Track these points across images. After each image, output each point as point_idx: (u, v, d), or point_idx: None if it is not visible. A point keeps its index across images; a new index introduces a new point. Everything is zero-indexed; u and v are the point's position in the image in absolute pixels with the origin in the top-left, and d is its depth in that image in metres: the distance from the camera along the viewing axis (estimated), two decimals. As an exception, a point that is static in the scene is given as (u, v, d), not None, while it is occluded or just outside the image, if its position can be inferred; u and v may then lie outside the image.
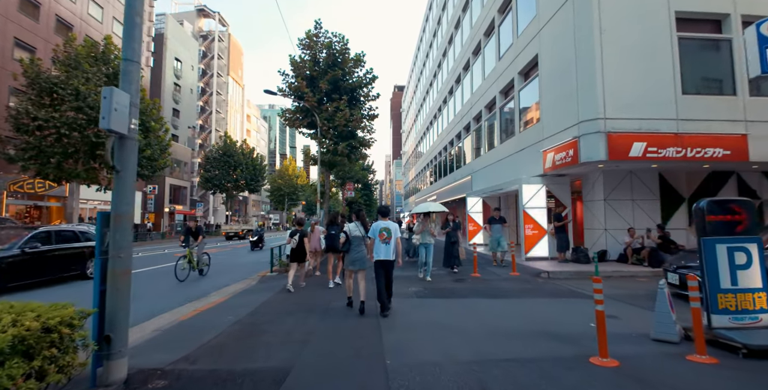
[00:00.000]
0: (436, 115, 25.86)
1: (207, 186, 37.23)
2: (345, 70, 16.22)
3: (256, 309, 5.68)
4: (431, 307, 5.50)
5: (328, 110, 15.66)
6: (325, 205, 16.73)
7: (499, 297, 6.15)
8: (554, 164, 9.47)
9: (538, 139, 10.48)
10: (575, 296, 6.29)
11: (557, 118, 9.59)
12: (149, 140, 20.99)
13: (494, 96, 13.97)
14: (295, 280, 7.26)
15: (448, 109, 22.05)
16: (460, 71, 18.83)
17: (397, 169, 67.61)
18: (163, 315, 5.77)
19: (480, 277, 8.12)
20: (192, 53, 43.97)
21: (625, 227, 9.62)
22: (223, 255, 15.69)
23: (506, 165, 12.70)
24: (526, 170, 11.11)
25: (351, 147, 16.19)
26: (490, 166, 14.35)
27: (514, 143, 12.18)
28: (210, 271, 10.98)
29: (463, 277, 8.20)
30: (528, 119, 11.48)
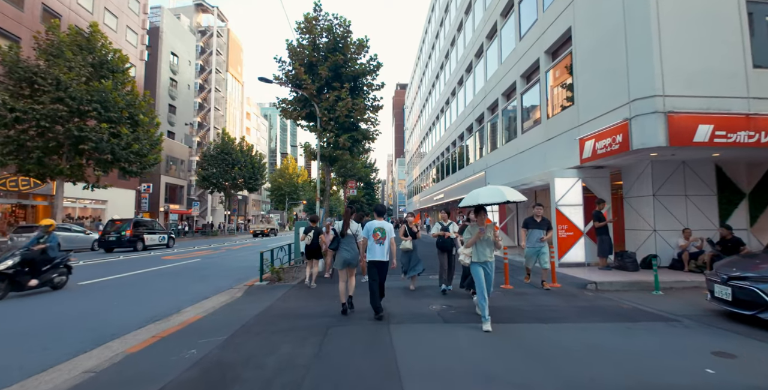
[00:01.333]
0: (443, 109, 24.42)
1: (204, 184, 35.89)
2: (347, 55, 14.82)
3: (231, 337, 4.26)
4: (465, 339, 4.05)
5: (328, 99, 14.24)
6: (325, 204, 15.32)
7: (552, 320, 4.70)
8: (595, 153, 8.03)
9: (572, 126, 9.04)
10: (648, 317, 4.84)
11: (598, 98, 8.14)
12: (137, 134, 19.62)
13: (514, 81, 12.53)
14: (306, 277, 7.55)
15: (457, 100, 20.60)
16: (471, 59, 17.39)
17: (400, 167, 66.17)
18: (112, 343, 4.39)
19: (513, 290, 6.68)
20: (189, 48, 42.65)
21: (678, 227, 8.18)
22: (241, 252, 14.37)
23: (530, 157, 11.26)
24: (556, 162, 9.67)
25: (353, 140, 14.79)
26: (509, 160, 12.90)
27: (540, 132, 10.73)
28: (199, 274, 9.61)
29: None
30: (557, 104, 10.03)
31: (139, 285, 8.35)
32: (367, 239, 4.94)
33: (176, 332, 4.65)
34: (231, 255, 15.66)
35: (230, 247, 20.16)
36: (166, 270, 10.79)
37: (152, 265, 11.95)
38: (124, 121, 19.09)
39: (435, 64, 27.16)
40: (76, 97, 17.03)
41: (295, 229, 10.86)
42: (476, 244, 4.52)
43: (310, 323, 4.69)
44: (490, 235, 4.58)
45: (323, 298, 6.34)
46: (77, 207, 27.48)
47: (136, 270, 10.64)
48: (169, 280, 9.09)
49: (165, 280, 9.00)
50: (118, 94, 18.81)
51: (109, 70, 19.35)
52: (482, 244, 4.52)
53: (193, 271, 10.67)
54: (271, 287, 7.50)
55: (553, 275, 6.95)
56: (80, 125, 17.60)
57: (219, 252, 17.12)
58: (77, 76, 17.48)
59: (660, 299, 5.95)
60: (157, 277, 9.55)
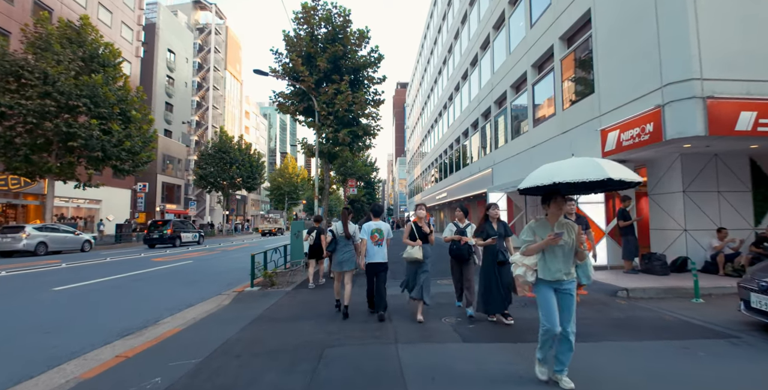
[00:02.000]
0: (446, 105, 23.68)
1: (201, 184, 35.17)
2: (347, 47, 14.07)
3: (207, 359, 3.53)
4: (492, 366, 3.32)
5: (327, 93, 13.50)
6: (324, 203, 14.59)
7: (590, 338, 3.96)
8: (620, 145, 7.29)
9: (592, 116, 8.30)
10: (702, 333, 4.10)
11: (624, 85, 7.41)
12: (129, 131, 18.90)
13: (524, 72, 11.79)
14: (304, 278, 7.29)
15: (460, 95, 19.86)
16: (476, 51, 16.65)
17: (401, 167, 65.44)
18: (67, 365, 3.70)
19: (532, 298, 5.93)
20: (186, 45, 41.96)
21: (709, 227, 7.44)
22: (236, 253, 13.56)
23: (543, 151, 10.52)
24: (574, 156, 8.93)
25: (353, 135, 14.04)
26: (519, 156, 12.17)
27: (554, 125, 10.00)
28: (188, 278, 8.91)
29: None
30: (574, 93, 9.29)
31: (120, 290, 7.63)
32: (366, 240, 4.84)
33: (145, 351, 3.94)
34: (225, 257, 14.94)
35: (226, 248, 19.44)
36: (154, 273, 10.08)
37: (140, 267, 11.24)
38: (115, 118, 18.39)
39: (437, 59, 26.43)
40: (64, 92, 16.33)
41: (291, 230, 10.14)
42: (545, 253, 2.84)
43: (302, 341, 3.95)
44: (570, 238, 2.80)
45: (318, 307, 5.61)
46: (70, 206, 26.78)
47: (121, 273, 9.92)
48: (154, 284, 8.38)
49: (150, 285, 8.28)
50: (109, 89, 18.10)
51: (100, 64, 18.64)
52: (556, 253, 2.81)
53: (183, 274, 9.95)
54: (262, 294, 6.77)
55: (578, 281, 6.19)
56: (69, 121, 16.90)
57: (213, 253, 16.41)
58: (66, 70, 16.78)
59: (703, 308, 5.22)
60: (143, 281, 8.84)
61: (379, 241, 4.77)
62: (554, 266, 2.82)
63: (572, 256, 2.85)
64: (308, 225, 11.22)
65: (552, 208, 2.87)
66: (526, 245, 2.90)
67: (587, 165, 2.79)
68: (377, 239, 4.76)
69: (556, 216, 2.88)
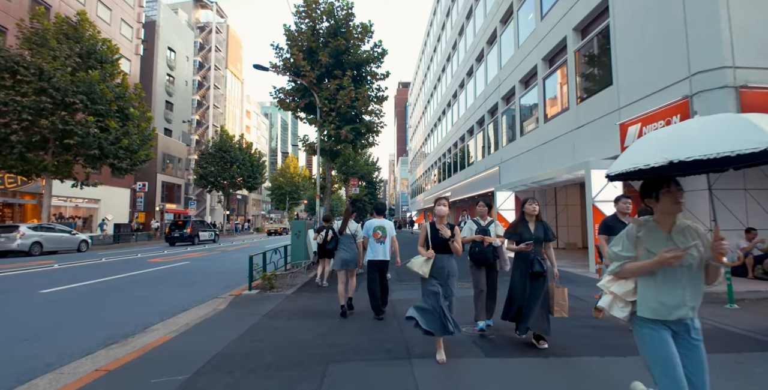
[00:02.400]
0: (449, 103, 23.25)
1: (201, 183, 34.80)
2: (349, 41, 13.66)
3: (195, 375, 3.11)
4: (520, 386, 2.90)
5: (329, 88, 13.10)
6: (326, 202, 14.18)
7: (625, 350, 3.53)
8: (641, 140, 6.85)
9: (611, 110, 7.87)
10: (748, 344, 3.68)
11: (646, 75, 6.97)
12: (127, 129, 18.52)
13: (533, 66, 11.36)
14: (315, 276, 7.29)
15: (465, 92, 19.43)
16: (482, 46, 16.22)
17: (403, 166, 65.02)
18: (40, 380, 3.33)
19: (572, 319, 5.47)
20: (187, 43, 41.63)
21: (737, 226, 7.00)
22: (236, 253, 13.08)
23: (555, 148, 10.09)
24: (589, 152, 8.50)
25: (356, 132, 13.63)
26: (529, 153, 11.74)
27: (568, 120, 9.56)
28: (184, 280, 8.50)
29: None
30: (589, 86, 8.85)
31: (112, 293, 7.22)
32: (368, 238, 4.82)
33: (129, 363, 3.52)
34: (225, 257, 14.53)
35: (225, 248, 19.04)
36: (149, 275, 9.68)
37: (136, 268, 10.84)
38: (113, 115, 18.00)
39: (441, 56, 26.01)
40: (60, 88, 15.96)
41: (291, 230, 9.74)
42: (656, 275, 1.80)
43: (304, 355, 3.53)
44: (699, 251, 1.77)
45: (320, 313, 5.18)
46: (68, 206, 26.42)
47: (115, 274, 9.52)
48: (148, 286, 7.98)
49: (144, 287, 7.88)
50: (107, 86, 17.73)
51: (98, 60, 18.27)
52: (676, 276, 1.77)
53: (179, 275, 9.55)
54: (260, 297, 6.35)
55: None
56: (65, 118, 16.52)
57: (212, 254, 16.01)
58: (62, 66, 16.42)
59: (740, 315, 4.79)
60: (137, 283, 8.44)
61: (381, 238, 4.71)
62: (673, 297, 1.74)
63: (701, 279, 1.78)
64: (309, 225, 10.82)
65: (663, 203, 1.80)
66: (621, 263, 1.87)
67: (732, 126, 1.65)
68: (379, 237, 4.70)
69: (670, 216, 1.83)
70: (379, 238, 4.72)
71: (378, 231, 4.73)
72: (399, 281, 7.59)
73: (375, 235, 4.73)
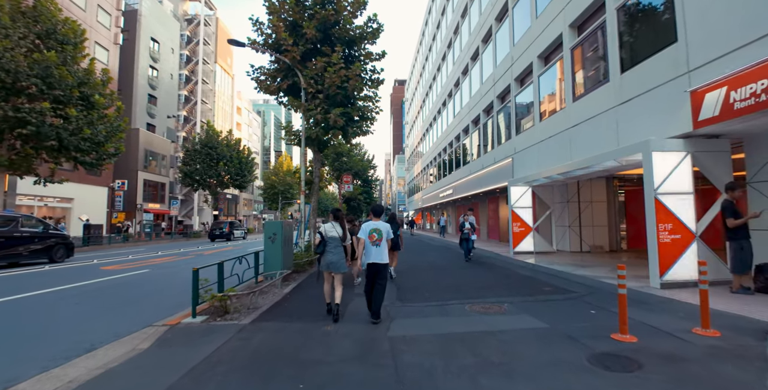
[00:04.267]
0: (451, 92, 21.42)
1: (186, 181, 32.76)
2: (339, 13, 11.78)
3: None
4: None
5: (315, 67, 11.21)
6: (312, 199, 12.27)
7: None
8: (729, 109, 5.02)
9: (675, 74, 6.05)
10: None
11: (733, 21, 5.17)
12: (91, 118, 16.50)
13: (558, 35, 9.56)
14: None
15: (470, 78, 17.60)
16: (491, 23, 14.39)
17: (399, 164, 63.20)
18: None
19: (642, 345, 3.58)
20: (172, 35, 39.53)
21: None
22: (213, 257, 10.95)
23: (589, 131, 8.28)
24: (640, 132, 6.69)
25: (347, 117, 11.75)
26: (552, 140, 9.93)
27: (606, 95, 7.74)
28: (128, 295, 6.51)
29: (600, 342, 3.68)
30: (639, 48, 7.01)
31: (10, 318, 5.29)
32: (364, 240, 4.67)
33: None
34: (197, 262, 12.58)
35: (203, 251, 17.08)
36: (89, 288, 7.73)
37: (80, 279, 8.87)
38: (75, 102, 15.99)
39: (441, 43, 24.18)
40: (10, 70, 13.96)
41: (264, 233, 7.85)
42: None
43: None
44: None
45: (283, 363, 3.29)
46: (37, 205, 24.30)
47: (46, 287, 7.56)
48: (72, 306, 6.07)
49: (65, 308, 5.98)
50: (68, 70, 15.74)
51: (58, 41, 16.25)
52: None
53: (125, 289, 7.62)
54: (204, 330, 4.46)
55: (704, 313, 3.86)
56: (17, 106, 14.52)
57: (185, 258, 14.07)
58: (15, 46, 14.44)
59: None
60: (67, 299, 6.56)
61: (377, 241, 4.62)
62: None
63: None
64: (291, 225, 8.95)
65: None
66: None
67: None
68: (375, 239, 4.61)
69: None
70: (375, 241, 4.60)
71: (374, 233, 4.61)
72: (400, 301, 5.72)
73: (371, 238, 4.61)
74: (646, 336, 3.69)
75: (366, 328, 4.31)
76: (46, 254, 12.42)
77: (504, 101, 13.62)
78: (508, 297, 5.66)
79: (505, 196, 16.80)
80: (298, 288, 7.10)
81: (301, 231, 10.81)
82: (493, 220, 18.36)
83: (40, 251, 12.14)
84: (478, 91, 16.27)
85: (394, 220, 8.25)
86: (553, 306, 5.08)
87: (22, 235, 11.58)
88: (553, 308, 4.95)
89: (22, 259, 11.54)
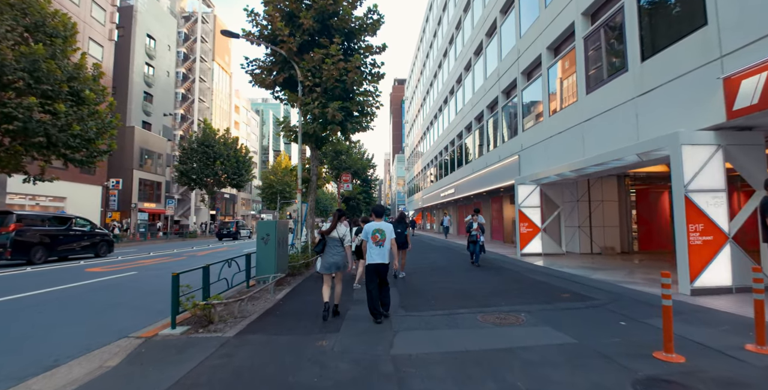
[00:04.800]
0: (453, 89, 20.90)
1: (182, 180, 32.19)
2: (338, 3, 11.24)
3: None
4: None
5: (313, 59, 10.68)
6: (310, 198, 11.73)
7: None
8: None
9: (705, 60, 5.53)
10: None
11: None
12: (81, 114, 15.93)
13: (570, 23, 9.05)
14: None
15: (472, 75, 17.09)
16: (495, 16, 13.88)
17: (399, 164, 62.67)
18: None
19: (692, 366, 3.05)
20: (169, 31, 38.95)
21: None
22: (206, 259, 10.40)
23: (604, 125, 7.77)
24: (663, 124, 6.17)
25: (346, 112, 11.23)
26: (563, 135, 9.42)
27: (624, 85, 7.22)
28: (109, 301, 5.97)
29: (641, 362, 3.14)
30: (664, 33, 6.48)
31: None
32: (367, 242, 4.63)
33: None
34: (189, 264, 12.03)
35: (197, 252, 16.53)
36: (71, 292, 7.19)
37: (62, 282, 8.33)
38: (64, 97, 15.42)
39: (443, 40, 23.66)
40: (-9, 62, 13.40)
41: (257, 233, 7.32)
42: None
43: None
44: None
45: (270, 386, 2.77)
46: (29, 204, 23.76)
47: (24, 292, 7.01)
48: (48, 312, 5.57)
49: (42, 313, 5.47)
50: (57, 64, 15.18)
51: (47, 34, 15.69)
52: None
53: (108, 293, 7.09)
54: (184, 343, 3.92)
55: (760, 327, 3.33)
56: (3, 100, 13.96)
57: (178, 259, 13.53)
58: (2, 39, 13.88)
59: None
60: (42, 304, 6.05)
61: (380, 241, 4.56)
62: None
63: None
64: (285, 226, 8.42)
65: None
66: None
67: None
68: (378, 240, 4.56)
69: None
70: (378, 241, 4.56)
71: (377, 234, 4.57)
72: (404, 309, 5.20)
73: (374, 239, 4.57)
74: (694, 354, 3.17)
75: (366, 342, 3.79)
76: (93, 250, 14.05)
77: (510, 96, 13.10)
78: (524, 305, 5.14)
79: (510, 195, 16.29)
80: (293, 293, 6.58)
81: (298, 231, 10.26)
82: (497, 220, 17.85)
83: (88, 247, 13.85)
84: (481, 86, 15.75)
85: (403, 220, 8.31)
86: (575, 316, 4.56)
87: (75, 233, 13.39)
88: (576, 319, 4.43)
89: (75, 254, 13.34)
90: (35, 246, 11.66)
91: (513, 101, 12.67)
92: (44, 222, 12.70)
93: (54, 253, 12.35)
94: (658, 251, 11.20)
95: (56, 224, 12.94)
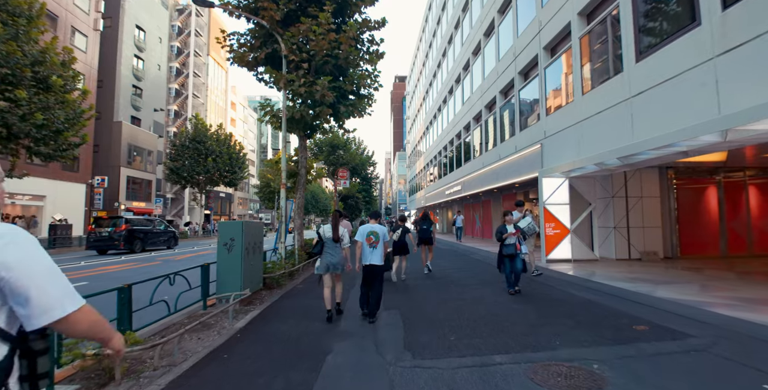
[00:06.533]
0: (459, 78, 19.23)
1: (172, 178, 30.60)
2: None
3: None
4: None
5: (300, 30, 9.03)
6: (297, 195, 10.08)
7: None
8: None
9: None
10: None
11: None
12: (47, 102, 14.33)
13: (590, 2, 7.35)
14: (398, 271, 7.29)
15: (483, 57, 15.42)
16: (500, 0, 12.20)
17: (400, 162, 61.01)
18: None
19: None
20: (160, 23, 37.33)
21: None
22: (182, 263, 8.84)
23: (665, 98, 6.10)
24: (759, 93, 4.50)
25: (339, 92, 9.60)
26: (603, 115, 7.75)
27: (695, 45, 5.54)
28: None
29: None
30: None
31: None
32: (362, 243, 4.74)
33: None
34: (161, 270, 10.40)
35: (176, 256, 14.89)
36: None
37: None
38: (27, 83, 13.83)
39: (447, 26, 21.98)
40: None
41: (219, 238, 5.69)
42: None
43: None
44: None
45: None
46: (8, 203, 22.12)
47: None
48: None
49: None
50: (20, 46, 13.60)
51: (9, 13, 14.10)
52: None
53: None
54: None
55: None
56: (-45, 86, 12.40)
57: (150, 265, 11.89)
58: (-46, 18, 12.34)
59: None
60: None
61: (374, 243, 4.67)
62: None
63: None
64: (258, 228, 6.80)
65: None
66: None
67: None
68: (372, 241, 4.67)
69: None
70: (372, 243, 4.67)
71: (371, 236, 4.69)
72: (410, 352, 3.52)
73: (368, 240, 4.68)
74: None
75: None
76: (167, 244, 18.28)
77: (528, 78, 11.44)
78: (589, 345, 3.48)
79: (524, 192, 14.61)
80: (261, 318, 4.91)
81: (281, 233, 8.62)
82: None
83: (164, 242, 18.08)
84: (494, 69, 14.08)
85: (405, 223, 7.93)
86: (678, 370, 2.91)
87: (158, 230, 17.72)
88: (683, 377, 2.78)
89: (155, 246, 17.41)
90: (136, 240, 15.96)
91: (532, 83, 11.00)
92: (140, 223, 17.03)
93: (147, 246, 16.65)
94: (703, 256, 9.56)
95: (146, 224, 17.27)
